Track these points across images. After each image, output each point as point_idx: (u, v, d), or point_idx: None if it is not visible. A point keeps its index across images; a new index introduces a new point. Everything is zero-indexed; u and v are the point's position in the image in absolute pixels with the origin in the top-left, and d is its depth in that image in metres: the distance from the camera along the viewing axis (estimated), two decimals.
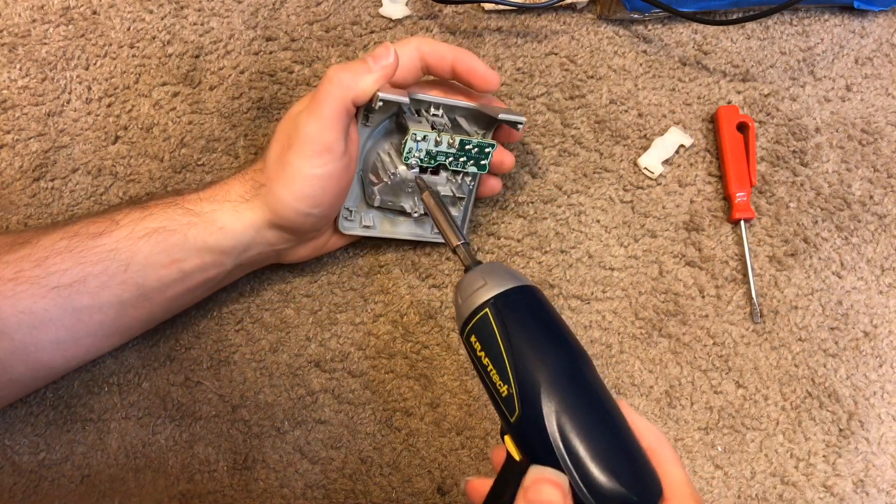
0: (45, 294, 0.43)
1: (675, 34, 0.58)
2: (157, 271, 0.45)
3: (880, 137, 0.57)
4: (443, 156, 0.50)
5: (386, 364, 0.54)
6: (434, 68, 0.48)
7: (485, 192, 0.54)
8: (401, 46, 0.47)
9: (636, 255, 0.56)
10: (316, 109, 0.45)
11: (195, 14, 0.57)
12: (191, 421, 0.53)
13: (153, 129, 0.56)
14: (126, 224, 0.45)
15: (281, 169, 0.45)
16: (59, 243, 0.44)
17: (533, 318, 0.38)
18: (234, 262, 0.48)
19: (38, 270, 0.44)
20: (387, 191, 0.51)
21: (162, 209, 0.46)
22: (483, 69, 0.48)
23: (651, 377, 0.54)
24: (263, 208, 0.46)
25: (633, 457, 0.36)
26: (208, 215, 0.46)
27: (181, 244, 0.45)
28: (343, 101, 0.45)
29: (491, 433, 0.53)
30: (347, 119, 0.45)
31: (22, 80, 0.55)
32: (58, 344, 0.45)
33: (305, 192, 0.45)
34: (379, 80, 0.45)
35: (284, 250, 0.50)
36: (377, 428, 0.53)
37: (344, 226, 0.51)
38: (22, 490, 0.52)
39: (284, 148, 0.46)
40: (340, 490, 0.53)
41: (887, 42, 0.59)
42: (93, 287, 0.44)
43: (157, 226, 0.45)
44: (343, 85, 0.45)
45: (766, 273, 0.56)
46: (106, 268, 0.44)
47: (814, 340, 0.55)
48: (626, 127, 0.57)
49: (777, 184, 0.57)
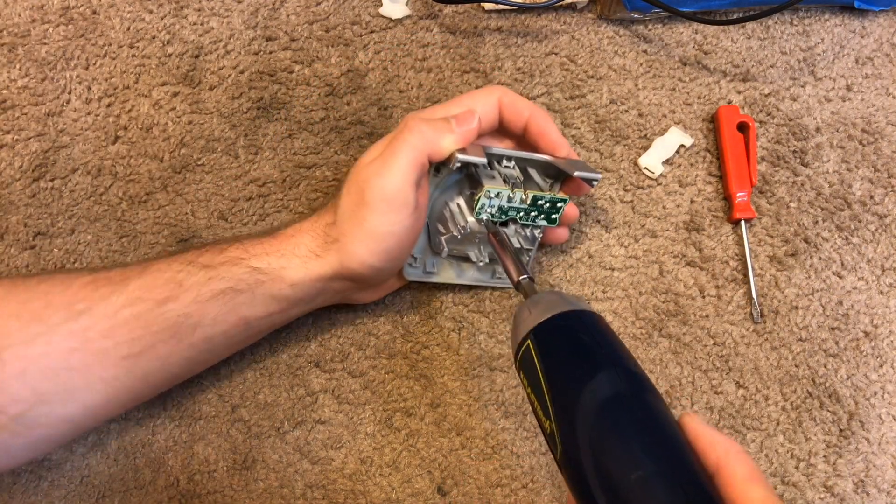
0: (116, 363, 0.43)
1: (676, 34, 0.58)
2: (224, 329, 0.45)
3: (881, 137, 0.57)
4: (514, 211, 0.49)
5: (386, 364, 0.54)
6: (508, 121, 0.48)
7: (550, 240, 0.53)
8: (483, 95, 0.47)
9: (636, 255, 0.56)
10: (393, 161, 0.43)
11: (195, 14, 0.57)
12: (191, 421, 0.53)
13: (153, 129, 0.56)
14: (191, 287, 0.44)
15: (356, 226, 0.44)
16: (122, 311, 0.43)
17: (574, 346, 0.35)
18: (299, 311, 0.48)
19: (107, 342, 0.43)
20: (454, 241, 0.50)
21: (227, 269, 0.45)
22: (555, 135, 0.48)
23: (651, 377, 0.54)
24: (335, 263, 0.45)
25: (683, 488, 0.30)
26: (276, 272, 0.45)
27: (249, 301, 0.45)
28: (419, 155, 0.44)
29: (491, 433, 0.53)
30: (422, 173, 0.45)
31: (22, 80, 0.55)
32: (126, 404, 0.46)
33: (381, 248, 0.44)
34: (459, 142, 0.45)
35: (349, 296, 0.50)
36: (377, 428, 0.53)
37: (408, 272, 0.51)
38: (22, 490, 0.52)
39: (358, 203, 0.44)
40: (340, 490, 0.53)
41: (888, 42, 0.59)
42: (162, 352, 0.44)
43: (225, 287, 0.45)
44: (424, 138, 0.44)
45: (767, 273, 0.55)
46: (175, 333, 0.44)
47: (814, 340, 0.55)
48: (627, 127, 0.57)
49: (777, 184, 0.57)
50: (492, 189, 0.47)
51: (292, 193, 0.56)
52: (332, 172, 0.56)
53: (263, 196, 0.55)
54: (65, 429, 0.43)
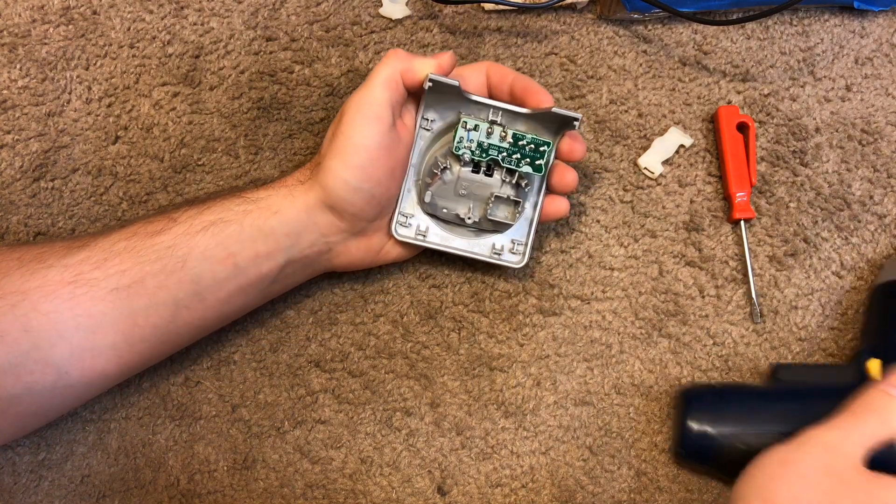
0: (104, 297, 0.44)
1: (675, 34, 0.58)
2: (212, 266, 0.46)
3: (880, 137, 0.57)
4: (495, 150, 0.49)
5: (386, 364, 0.54)
6: (494, 87, 0.50)
7: (550, 213, 0.52)
8: (471, 65, 0.51)
9: (636, 255, 0.56)
10: (367, 80, 0.47)
11: (195, 14, 0.57)
12: (191, 421, 0.53)
13: (153, 129, 0.56)
14: (184, 220, 0.46)
15: (333, 142, 0.47)
16: (117, 244, 0.45)
17: None
18: (286, 256, 0.47)
19: (98, 273, 0.44)
20: (441, 192, 0.51)
21: (220, 202, 0.47)
22: (537, 88, 0.49)
23: (651, 377, 0.54)
24: (317, 188, 0.47)
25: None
26: (264, 201, 0.47)
27: (237, 234, 0.46)
28: (394, 72, 0.47)
29: (491, 433, 0.53)
30: (397, 92, 0.47)
31: (22, 80, 0.55)
32: (114, 349, 0.45)
33: (355, 162, 0.46)
34: (433, 66, 0.47)
35: (335, 245, 0.49)
36: (377, 428, 0.53)
37: (398, 231, 0.51)
38: (22, 490, 0.52)
39: (337, 123, 0.47)
40: (340, 490, 0.53)
41: (887, 42, 0.59)
42: (150, 287, 0.44)
43: (215, 218, 0.46)
44: (400, 59, 0.47)
45: (766, 273, 0.56)
46: (164, 266, 0.45)
47: (814, 340, 0.55)
48: (626, 127, 0.57)
49: (777, 184, 0.57)
50: (469, 120, 0.49)
51: None
52: None
53: None
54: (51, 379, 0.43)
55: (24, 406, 0.44)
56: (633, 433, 0.53)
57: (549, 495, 0.53)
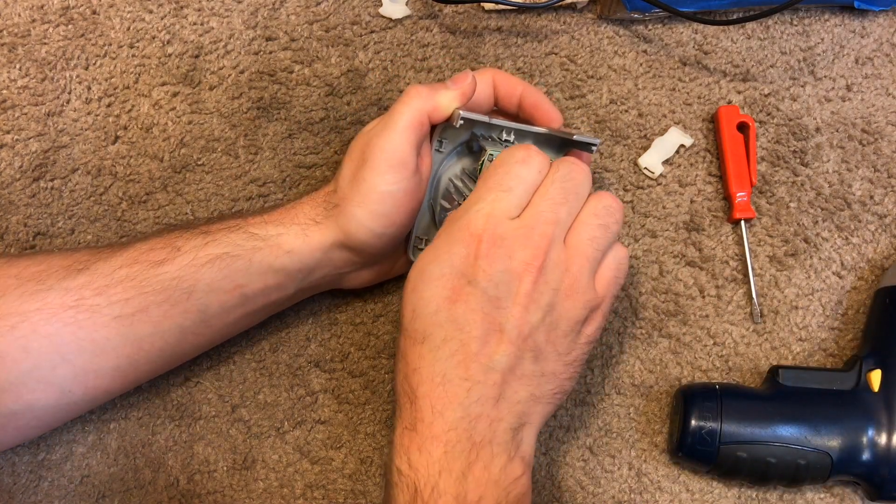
0: (108, 323, 0.43)
1: (676, 34, 0.58)
2: (219, 297, 0.45)
3: (881, 137, 0.57)
4: None
5: (386, 364, 0.54)
6: (502, 99, 0.49)
7: None
8: (478, 74, 0.48)
9: (636, 255, 0.56)
10: (391, 122, 0.44)
11: (195, 14, 0.57)
12: (190, 421, 0.53)
13: (153, 128, 0.56)
14: (188, 251, 0.44)
15: (354, 186, 0.45)
16: (118, 271, 0.43)
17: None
18: (296, 286, 0.47)
19: (100, 300, 0.43)
20: None
21: (225, 234, 0.45)
22: (548, 105, 0.48)
23: (651, 377, 0.54)
24: (335, 229, 0.45)
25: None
26: (274, 239, 0.45)
27: (245, 269, 0.45)
28: (419, 114, 0.44)
29: None
30: (422, 134, 0.45)
31: (22, 80, 0.55)
32: (117, 370, 0.44)
33: (380, 210, 0.44)
34: (457, 98, 0.45)
35: (347, 274, 0.49)
36: (377, 428, 0.53)
37: (414, 254, 0.50)
38: (22, 490, 0.52)
39: (358, 166, 0.45)
40: (340, 490, 0.53)
41: (888, 42, 0.59)
42: (155, 316, 0.44)
43: (221, 252, 0.44)
44: (423, 98, 0.44)
45: (767, 273, 0.56)
46: (168, 297, 0.44)
47: (814, 340, 0.55)
48: (626, 127, 0.57)
49: (777, 184, 0.57)
50: (494, 152, 0.47)
51: (292, 193, 0.56)
52: (332, 172, 0.56)
53: (263, 196, 0.55)
54: (54, 397, 0.43)
55: (25, 420, 0.44)
56: (633, 433, 0.53)
57: (549, 495, 0.53)
